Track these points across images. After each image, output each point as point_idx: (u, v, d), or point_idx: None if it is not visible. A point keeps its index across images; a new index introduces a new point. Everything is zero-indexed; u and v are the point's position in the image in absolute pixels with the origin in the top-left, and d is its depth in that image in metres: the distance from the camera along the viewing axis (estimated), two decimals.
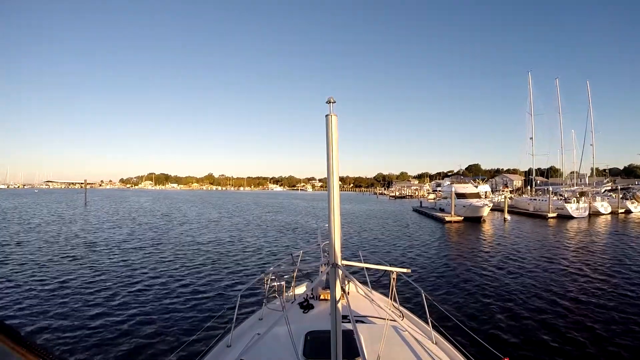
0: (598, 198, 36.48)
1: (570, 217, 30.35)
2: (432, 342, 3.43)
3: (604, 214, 33.61)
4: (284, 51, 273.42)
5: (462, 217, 27.20)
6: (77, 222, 24.36)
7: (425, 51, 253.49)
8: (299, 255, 5.13)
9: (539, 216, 31.81)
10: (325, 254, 4.43)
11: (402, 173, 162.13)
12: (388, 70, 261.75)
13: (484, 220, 27.50)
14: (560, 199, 34.04)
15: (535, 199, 36.88)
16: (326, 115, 2.05)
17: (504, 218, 29.55)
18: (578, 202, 32.71)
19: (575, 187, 37.73)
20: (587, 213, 31.91)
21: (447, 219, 26.56)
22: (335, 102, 2.08)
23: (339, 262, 2.16)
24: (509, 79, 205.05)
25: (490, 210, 29.92)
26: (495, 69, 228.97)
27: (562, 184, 41.06)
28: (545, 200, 33.36)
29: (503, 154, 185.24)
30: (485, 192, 34.04)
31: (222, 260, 12.63)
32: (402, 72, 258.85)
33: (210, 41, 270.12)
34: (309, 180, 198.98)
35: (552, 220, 29.32)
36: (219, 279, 10.19)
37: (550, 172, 45.63)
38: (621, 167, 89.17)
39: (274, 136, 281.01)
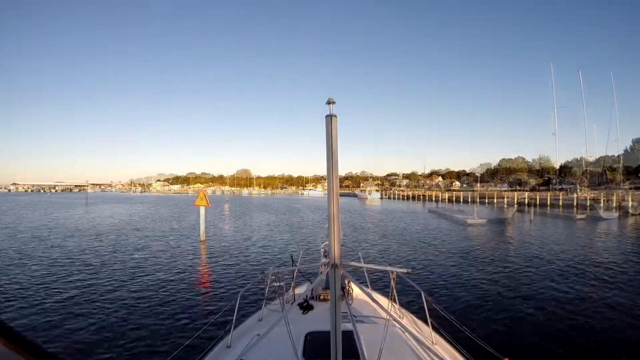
0: (627, 197, 35.61)
1: (601, 219, 29.65)
2: (432, 343, 3.52)
3: (634, 215, 32.79)
4: (286, 50, 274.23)
5: (485, 219, 26.68)
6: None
7: (427, 48, 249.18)
8: (298, 256, 5.27)
9: (565, 217, 31.18)
10: (325, 254, 4.56)
11: (412, 172, 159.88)
12: (394, 68, 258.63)
13: (509, 222, 27.16)
14: (590, 199, 33.31)
15: (557, 199, 36.20)
16: (326, 116, 2.14)
17: (530, 219, 29.09)
18: (607, 202, 31.95)
19: (602, 187, 36.88)
20: (617, 214, 31.16)
21: (469, 221, 26.06)
22: (335, 102, 2.17)
23: (339, 262, 2.22)
24: (516, 75, 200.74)
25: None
26: (495, 68, 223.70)
27: (577, 182, 40.23)
28: (570, 200, 32.72)
29: (513, 151, 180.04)
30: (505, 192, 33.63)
31: (222, 261, 12.96)
32: (405, 72, 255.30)
33: (218, 42, 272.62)
34: (319, 180, 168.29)
35: (580, 221, 28.70)
36: (219, 279, 10.48)
37: (565, 170, 44.71)
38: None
39: (280, 135, 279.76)
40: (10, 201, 67.67)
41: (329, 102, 2.17)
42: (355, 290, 4.88)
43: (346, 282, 4.40)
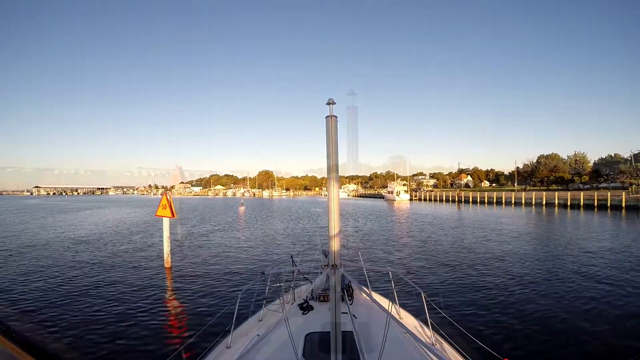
0: None
1: None
2: (432, 343, 3.61)
3: None
4: (289, 51, 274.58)
5: None
6: None
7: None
8: (299, 257, 5.48)
9: None
10: (325, 255, 4.73)
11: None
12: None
13: None
14: None
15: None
16: (326, 117, 2.28)
17: None
18: None
19: None
20: None
21: None
22: (335, 103, 2.32)
23: (339, 263, 2.39)
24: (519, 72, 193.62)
25: None
26: (495, 64, 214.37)
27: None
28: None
29: (541, 150, 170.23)
30: None
31: (222, 261, 13.48)
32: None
33: (240, 43, 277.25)
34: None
35: None
36: (219, 279, 10.92)
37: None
38: None
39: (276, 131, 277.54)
40: (9, 205, 69.18)
41: (329, 103, 2.30)
42: (355, 291, 5.01)
43: (346, 282, 4.57)
